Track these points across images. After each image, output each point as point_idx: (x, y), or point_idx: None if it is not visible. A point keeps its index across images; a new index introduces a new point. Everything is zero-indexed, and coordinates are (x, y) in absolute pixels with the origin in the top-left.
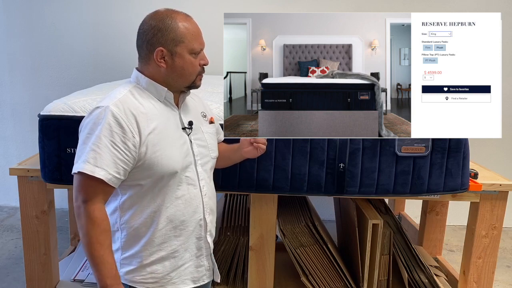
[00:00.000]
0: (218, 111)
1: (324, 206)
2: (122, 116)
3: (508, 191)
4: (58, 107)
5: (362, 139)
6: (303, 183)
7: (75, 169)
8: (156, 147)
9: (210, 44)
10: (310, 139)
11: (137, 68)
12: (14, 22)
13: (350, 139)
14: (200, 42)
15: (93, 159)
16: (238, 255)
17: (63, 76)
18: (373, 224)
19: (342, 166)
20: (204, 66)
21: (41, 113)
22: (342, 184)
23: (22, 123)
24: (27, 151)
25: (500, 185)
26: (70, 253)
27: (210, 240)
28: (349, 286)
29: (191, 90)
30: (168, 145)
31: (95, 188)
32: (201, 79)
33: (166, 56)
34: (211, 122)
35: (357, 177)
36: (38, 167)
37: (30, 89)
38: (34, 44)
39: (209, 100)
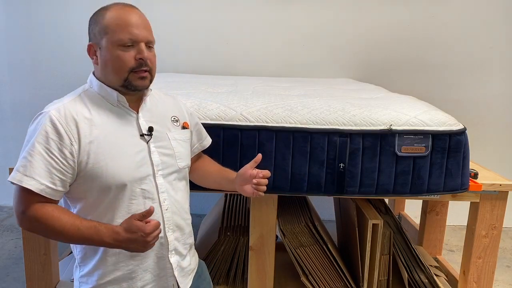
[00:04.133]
0: (218, 111)
1: (324, 206)
2: (61, 121)
3: (508, 191)
4: None
5: (362, 139)
6: (303, 183)
7: (8, 178)
8: (100, 156)
9: (210, 43)
10: (310, 139)
11: (93, 71)
12: (14, 22)
13: (350, 139)
14: (131, 33)
15: (23, 167)
16: (238, 255)
17: (63, 76)
18: (373, 224)
19: (342, 166)
20: (144, 62)
21: None
22: (342, 184)
23: (22, 123)
24: None
25: (500, 185)
26: (70, 253)
27: (175, 260)
28: (349, 286)
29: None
30: (116, 154)
31: (29, 199)
32: (141, 78)
33: (97, 51)
34: (184, 127)
35: (357, 177)
36: None
37: (30, 89)
38: (34, 44)
39: (209, 100)
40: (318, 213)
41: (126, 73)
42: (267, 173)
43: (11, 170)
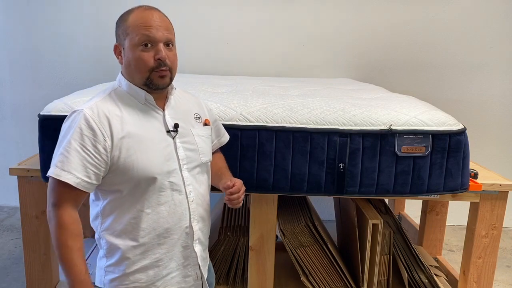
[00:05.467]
0: (218, 111)
1: (324, 206)
2: (94, 119)
3: (508, 191)
4: (58, 107)
5: (362, 139)
6: (303, 183)
7: (47, 173)
8: (131, 151)
9: (210, 43)
10: (310, 139)
11: (121, 71)
12: (14, 22)
13: (350, 139)
14: (150, 33)
15: (61, 162)
16: (238, 255)
17: (63, 76)
18: (373, 224)
19: (342, 166)
20: (163, 62)
21: (41, 113)
22: (342, 184)
23: (22, 123)
24: (27, 151)
25: (500, 185)
26: None
27: (198, 249)
28: (349, 286)
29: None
30: (146, 149)
31: (64, 192)
32: (162, 77)
33: (122, 52)
34: (206, 124)
35: (357, 177)
36: (38, 167)
37: (30, 89)
38: (34, 44)
39: (209, 100)
40: (318, 213)
41: (148, 73)
42: (237, 188)
43: (11, 170)
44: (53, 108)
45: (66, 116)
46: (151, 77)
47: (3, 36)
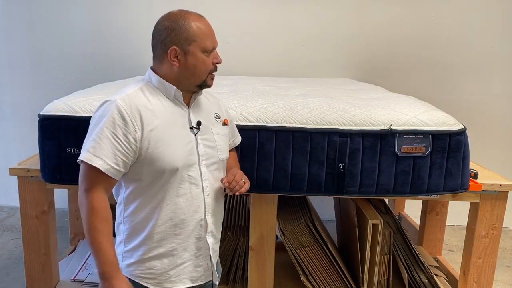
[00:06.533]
0: None
1: (324, 206)
2: (126, 110)
3: (508, 191)
4: (58, 107)
5: (362, 139)
6: (303, 183)
7: (79, 158)
8: (158, 143)
9: None
10: (310, 139)
11: (151, 67)
12: (14, 22)
13: (350, 139)
14: (212, 40)
15: (93, 148)
16: (238, 255)
17: (63, 76)
18: (373, 224)
19: (342, 166)
20: (217, 65)
21: (41, 113)
22: (342, 184)
23: (22, 123)
24: (27, 151)
25: (500, 185)
26: (70, 253)
27: (210, 241)
28: (349, 286)
29: (207, 91)
30: (171, 142)
31: (95, 177)
32: (212, 79)
33: (180, 55)
34: (225, 124)
35: (357, 177)
36: (38, 167)
37: (30, 89)
38: (34, 44)
39: None
40: (318, 213)
41: (206, 75)
42: (228, 179)
43: (11, 170)
44: (53, 108)
45: (65, 116)
46: (207, 79)
47: (3, 36)
